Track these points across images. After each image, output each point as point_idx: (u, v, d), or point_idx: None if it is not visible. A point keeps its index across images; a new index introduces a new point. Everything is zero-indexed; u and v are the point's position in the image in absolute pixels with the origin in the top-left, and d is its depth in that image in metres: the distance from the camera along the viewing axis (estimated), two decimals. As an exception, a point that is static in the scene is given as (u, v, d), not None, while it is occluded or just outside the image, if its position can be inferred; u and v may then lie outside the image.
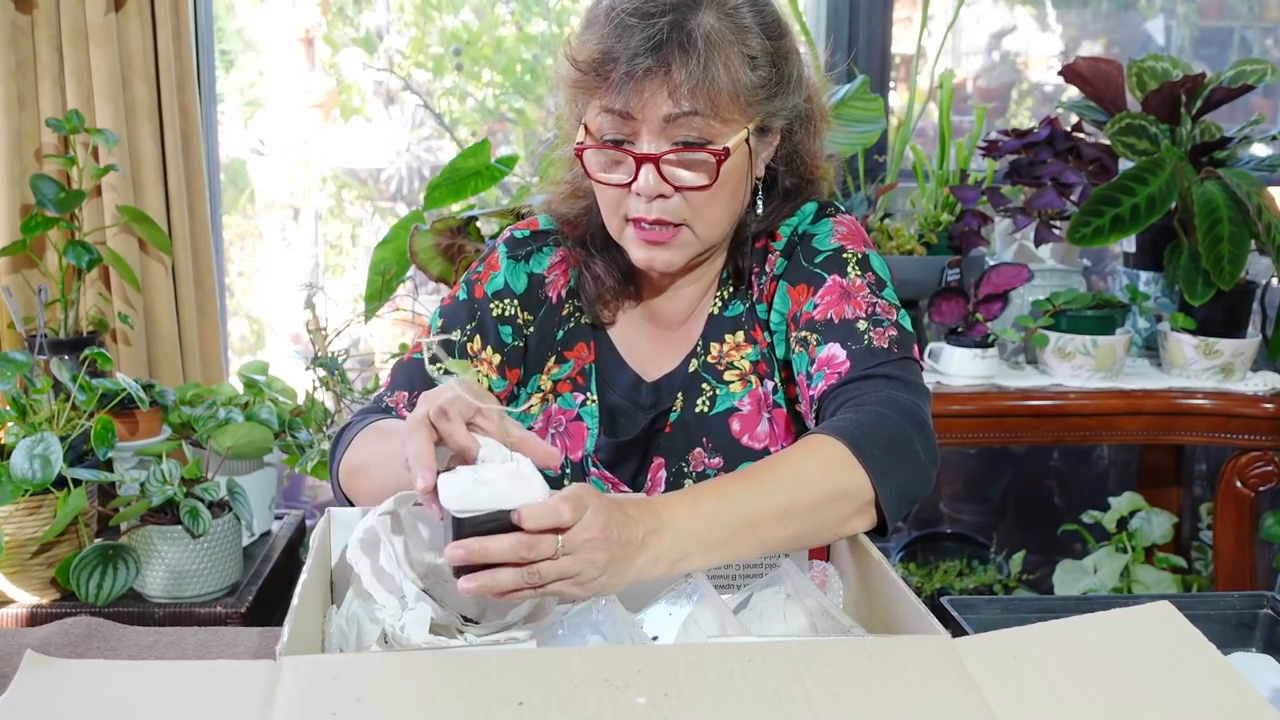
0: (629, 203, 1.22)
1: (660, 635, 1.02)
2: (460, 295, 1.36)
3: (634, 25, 1.15)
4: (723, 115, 1.18)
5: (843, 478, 1.05)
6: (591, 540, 0.90)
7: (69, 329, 2.18)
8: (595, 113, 1.20)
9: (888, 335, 1.21)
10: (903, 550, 2.80)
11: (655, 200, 1.21)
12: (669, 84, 1.15)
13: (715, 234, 1.26)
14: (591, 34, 1.19)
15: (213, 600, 1.76)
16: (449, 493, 0.90)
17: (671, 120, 1.17)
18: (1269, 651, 1.28)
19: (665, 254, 1.25)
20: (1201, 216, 2.10)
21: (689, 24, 1.15)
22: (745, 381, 1.32)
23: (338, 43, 2.96)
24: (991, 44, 3.12)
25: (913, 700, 0.78)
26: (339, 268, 3.13)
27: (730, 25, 1.17)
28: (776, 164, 1.31)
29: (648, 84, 1.15)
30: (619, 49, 1.15)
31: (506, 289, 1.35)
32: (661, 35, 1.15)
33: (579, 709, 0.75)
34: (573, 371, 1.36)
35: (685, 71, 1.14)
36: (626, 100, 1.16)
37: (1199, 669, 0.82)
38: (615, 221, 1.26)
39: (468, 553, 0.88)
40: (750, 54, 1.18)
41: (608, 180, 1.22)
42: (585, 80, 1.19)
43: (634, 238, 1.25)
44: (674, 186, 1.20)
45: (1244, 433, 2.19)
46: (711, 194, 1.21)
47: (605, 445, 1.34)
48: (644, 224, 1.22)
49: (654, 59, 1.14)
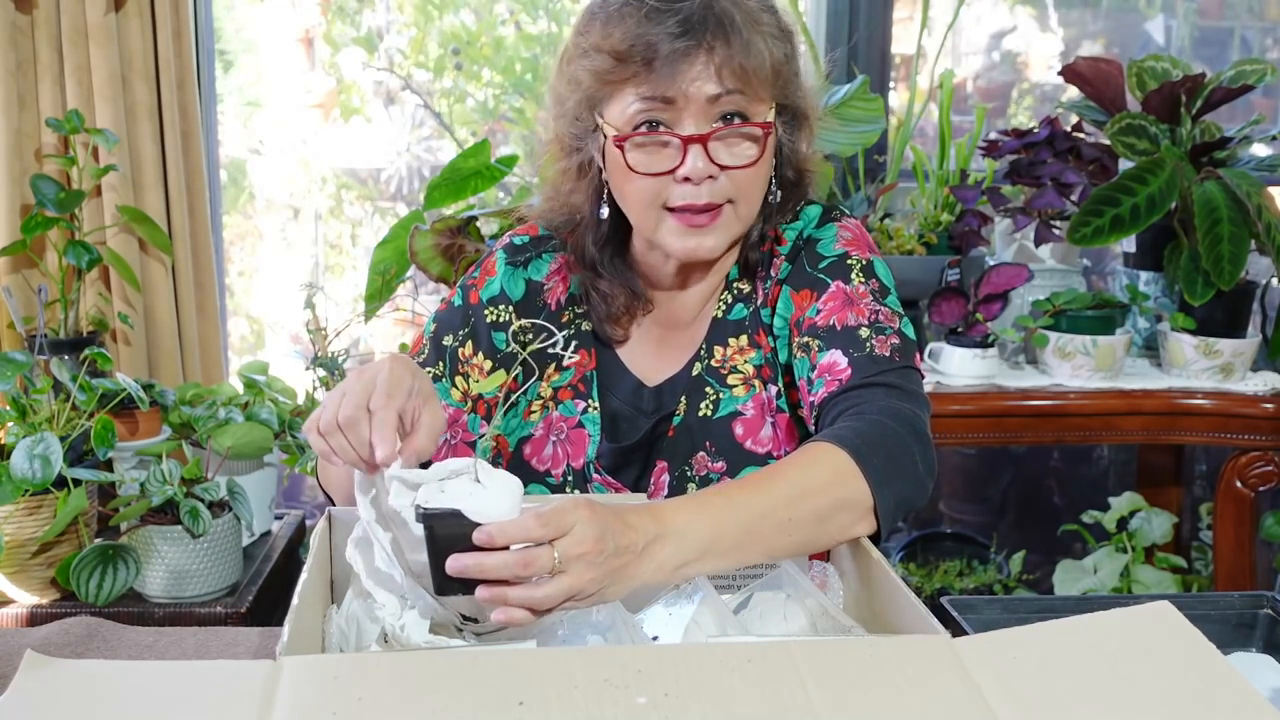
0: (671, 191, 1.21)
1: (660, 635, 1.02)
2: (455, 301, 1.36)
3: (664, 9, 1.15)
4: (759, 93, 1.19)
5: (845, 487, 1.05)
6: (586, 555, 0.89)
7: (69, 329, 2.18)
8: (626, 104, 1.19)
9: (889, 343, 1.20)
10: (903, 550, 2.80)
11: (705, 183, 1.19)
12: (713, 62, 1.16)
13: (752, 216, 1.26)
14: (616, 25, 1.17)
15: (213, 600, 1.76)
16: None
17: (715, 100, 1.17)
18: (1269, 651, 1.28)
19: (709, 239, 1.23)
20: (1201, 216, 2.10)
21: (717, 6, 1.16)
22: (749, 386, 1.32)
23: (338, 42, 2.95)
24: (991, 44, 3.12)
25: (913, 700, 0.78)
26: (339, 268, 3.13)
27: (755, 4, 1.20)
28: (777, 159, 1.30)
29: (691, 65, 1.15)
30: (655, 33, 1.15)
31: (502, 295, 1.35)
32: (697, 15, 1.15)
33: (579, 709, 0.75)
34: (574, 379, 1.35)
35: (728, 50, 1.15)
36: (668, 85, 1.16)
37: (1199, 669, 0.82)
38: (652, 215, 1.23)
39: (463, 567, 0.88)
40: (771, 34, 1.20)
41: (648, 171, 1.20)
42: (620, 69, 1.17)
43: (675, 227, 1.23)
44: (719, 166, 1.19)
45: (1244, 433, 2.19)
46: (756, 171, 1.21)
47: (607, 451, 1.34)
48: (692, 210, 1.21)
49: (693, 39, 1.15)
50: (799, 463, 1.07)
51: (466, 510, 0.89)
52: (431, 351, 1.33)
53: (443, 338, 1.33)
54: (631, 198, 1.24)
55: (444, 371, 1.32)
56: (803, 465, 1.06)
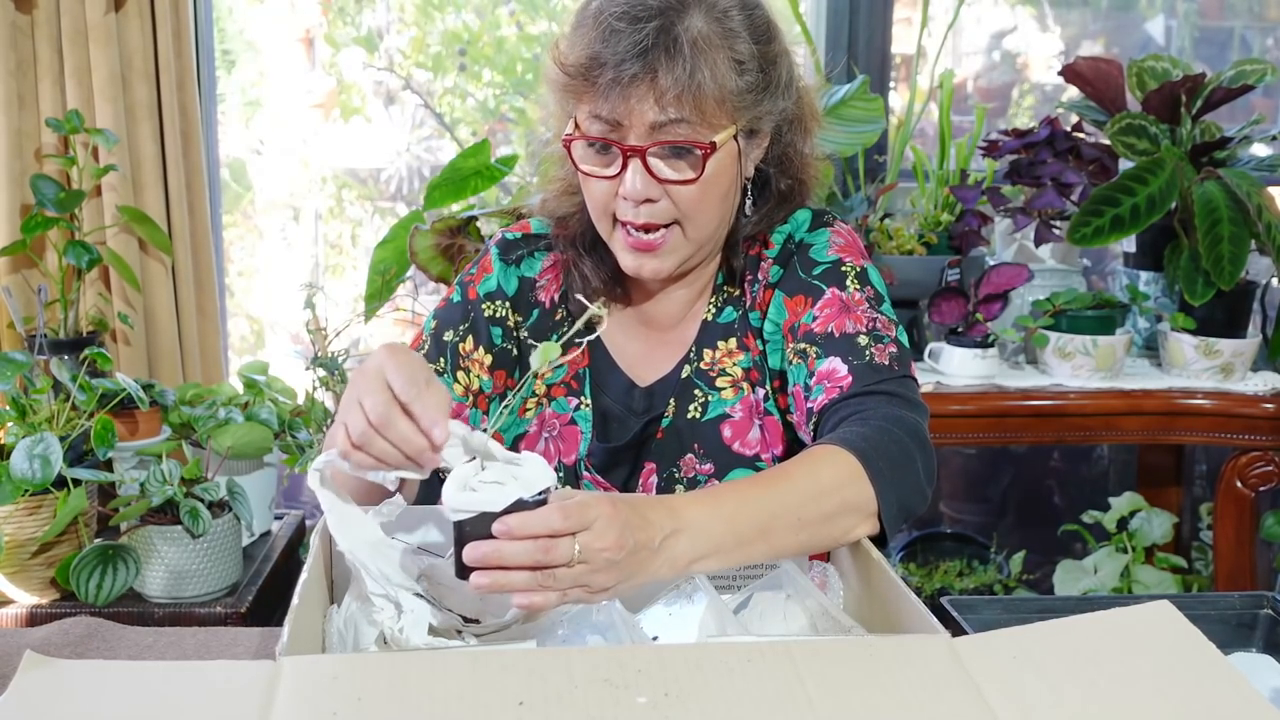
0: (618, 205, 1.21)
1: (660, 635, 1.02)
2: (454, 297, 1.36)
3: (621, 30, 1.14)
4: (709, 120, 1.17)
5: (852, 490, 1.05)
6: (607, 550, 0.89)
7: (69, 329, 2.18)
8: (584, 115, 1.20)
9: (888, 352, 1.21)
10: (903, 550, 2.80)
11: (643, 205, 1.20)
12: (655, 90, 1.14)
13: (705, 235, 1.25)
14: (579, 37, 1.18)
15: (213, 600, 1.76)
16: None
17: (658, 127, 1.16)
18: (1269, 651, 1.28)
19: (654, 261, 1.24)
20: (1201, 216, 2.10)
21: (675, 29, 1.14)
22: (737, 388, 1.32)
23: (338, 42, 2.95)
24: (991, 44, 3.12)
25: (913, 700, 0.78)
26: (339, 268, 3.12)
27: (718, 29, 1.17)
28: (768, 166, 1.30)
29: (634, 90, 1.14)
30: (606, 54, 1.14)
31: (499, 290, 1.35)
32: (648, 41, 1.14)
33: (579, 709, 0.75)
34: (566, 376, 1.36)
35: (671, 78, 1.13)
36: (613, 106, 1.16)
37: (1199, 669, 0.82)
38: (605, 223, 1.25)
39: (483, 555, 0.88)
40: (738, 58, 1.18)
41: (596, 173, 1.21)
42: (572, 84, 1.18)
43: (623, 243, 1.24)
44: (660, 181, 1.18)
45: (1244, 433, 2.19)
46: (701, 192, 1.20)
47: (598, 450, 1.34)
48: (631, 229, 1.22)
49: (640, 65, 1.13)
50: (807, 464, 1.07)
51: (497, 500, 0.89)
52: (433, 347, 1.33)
53: (443, 333, 1.33)
54: (589, 201, 1.26)
55: (445, 367, 1.32)
56: (811, 466, 1.06)
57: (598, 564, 0.89)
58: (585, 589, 0.91)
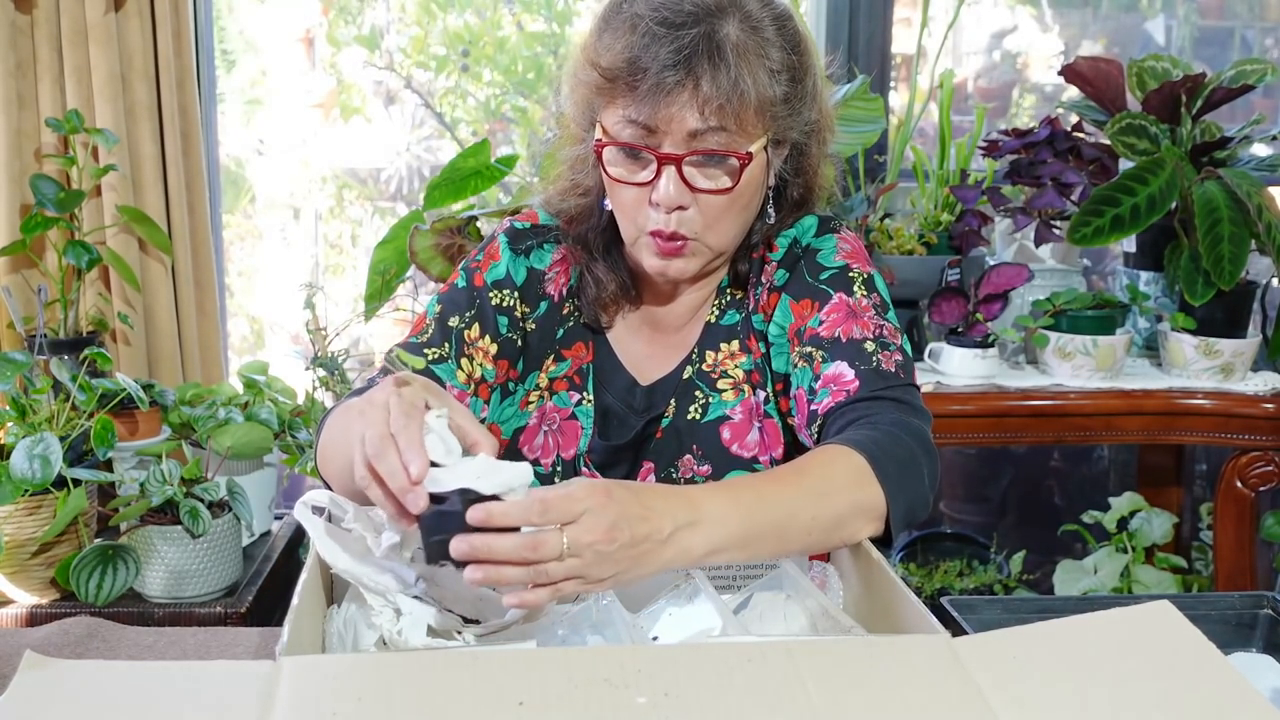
0: (647, 213, 1.21)
1: (660, 635, 1.02)
2: (459, 283, 1.34)
3: (662, 35, 1.13)
4: (746, 129, 1.17)
5: (863, 492, 1.06)
6: (596, 543, 0.88)
7: (69, 329, 2.18)
8: (615, 118, 1.19)
9: (894, 359, 1.21)
10: (903, 550, 2.80)
11: (674, 212, 1.20)
12: (697, 98, 1.14)
13: (725, 243, 1.26)
14: (616, 40, 1.17)
15: (212, 600, 1.76)
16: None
17: (696, 135, 1.15)
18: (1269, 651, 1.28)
19: (680, 263, 1.24)
20: (1202, 216, 2.10)
21: (718, 35, 1.14)
22: (738, 390, 1.32)
23: (339, 42, 2.95)
24: (991, 44, 3.12)
25: (913, 700, 0.78)
26: (339, 268, 3.12)
27: (755, 39, 1.16)
28: (785, 174, 1.30)
29: (676, 97, 1.14)
30: (647, 59, 1.13)
31: (507, 279, 1.34)
32: (690, 47, 1.13)
33: (579, 709, 0.75)
34: (570, 370, 1.36)
35: (714, 86, 1.13)
36: (652, 112, 1.15)
37: (1199, 669, 0.82)
38: (631, 228, 1.25)
39: (471, 549, 0.87)
40: (773, 68, 1.17)
41: (628, 179, 1.21)
42: (609, 87, 1.17)
43: (649, 246, 1.24)
44: (692, 190, 1.18)
45: (1244, 433, 2.19)
46: (729, 202, 1.20)
47: (598, 447, 1.34)
48: (661, 235, 1.21)
49: (682, 72, 1.13)
50: (819, 463, 1.07)
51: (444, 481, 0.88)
52: (436, 332, 1.30)
53: (449, 319, 1.31)
54: (616, 204, 1.26)
55: (449, 353, 1.30)
56: (825, 466, 1.06)
57: (588, 558, 0.88)
58: (581, 580, 0.90)
